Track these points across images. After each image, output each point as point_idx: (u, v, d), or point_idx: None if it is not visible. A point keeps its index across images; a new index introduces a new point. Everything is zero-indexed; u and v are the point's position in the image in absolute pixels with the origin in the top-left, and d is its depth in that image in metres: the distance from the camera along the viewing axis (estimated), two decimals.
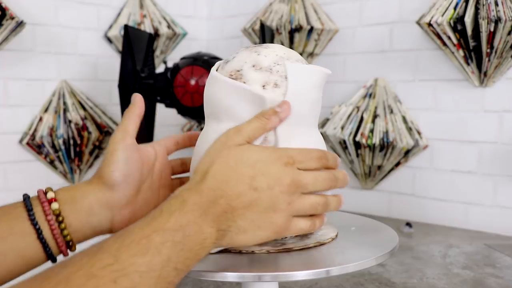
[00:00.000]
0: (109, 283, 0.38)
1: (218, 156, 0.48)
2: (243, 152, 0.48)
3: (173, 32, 1.76)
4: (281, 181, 0.48)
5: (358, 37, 1.60)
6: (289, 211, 0.49)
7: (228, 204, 0.46)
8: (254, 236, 0.48)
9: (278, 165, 0.48)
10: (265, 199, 0.47)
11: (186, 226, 0.44)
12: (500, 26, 1.23)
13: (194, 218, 0.45)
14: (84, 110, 1.62)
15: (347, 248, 0.56)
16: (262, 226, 0.48)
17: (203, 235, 0.45)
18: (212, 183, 0.47)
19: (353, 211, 1.52)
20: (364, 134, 1.47)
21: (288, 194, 0.48)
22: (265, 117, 0.51)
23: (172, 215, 0.44)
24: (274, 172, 0.48)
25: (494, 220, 1.36)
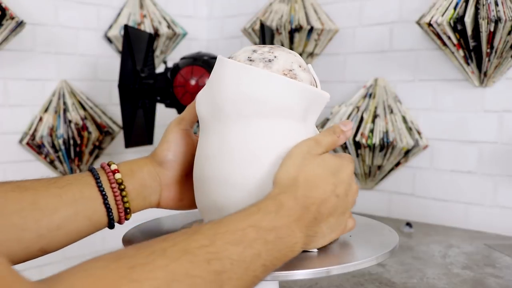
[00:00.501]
0: (203, 262, 0.40)
1: (306, 164, 0.51)
2: (325, 161, 0.52)
3: (173, 32, 1.76)
4: (351, 188, 0.54)
5: (358, 37, 1.60)
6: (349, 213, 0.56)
7: (317, 211, 0.50)
8: (328, 239, 0.53)
9: (349, 173, 0.54)
10: (343, 204, 0.53)
11: (280, 228, 0.46)
12: (500, 26, 1.23)
13: (289, 222, 0.47)
14: (84, 110, 1.62)
15: (347, 248, 0.56)
16: (335, 229, 0.53)
17: (294, 239, 0.48)
18: (305, 189, 0.50)
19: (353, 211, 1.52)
20: (364, 134, 1.47)
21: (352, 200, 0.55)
22: (336, 135, 0.56)
23: (268, 215, 0.47)
24: (348, 179, 0.53)
25: (494, 220, 1.36)
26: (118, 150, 1.72)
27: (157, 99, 1.43)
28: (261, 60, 0.56)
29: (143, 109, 1.46)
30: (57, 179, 0.57)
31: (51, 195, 0.54)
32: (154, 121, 1.53)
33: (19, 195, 0.53)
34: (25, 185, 0.54)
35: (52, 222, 0.53)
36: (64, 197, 0.54)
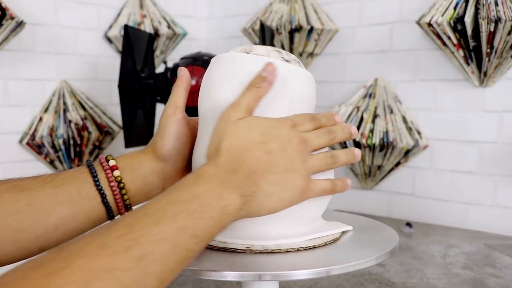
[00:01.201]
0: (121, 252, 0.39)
1: (226, 132, 0.50)
2: (249, 123, 0.51)
3: (173, 32, 1.76)
4: (291, 142, 0.50)
5: (358, 37, 1.60)
6: (305, 170, 0.51)
7: (248, 169, 0.48)
8: (281, 199, 0.50)
9: (285, 129, 0.51)
10: (282, 160, 0.49)
11: (202, 195, 0.45)
12: (500, 26, 1.23)
13: (212, 186, 0.46)
14: (84, 110, 1.62)
15: (347, 247, 0.56)
16: (286, 188, 0.50)
17: (224, 201, 0.46)
18: (228, 155, 0.49)
19: (353, 211, 1.52)
20: (364, 134, 1.47)
21: (300, 153, 0.51)
22: (255, 86, 0.53)
23: (188, 187, 0.46)
24: (283, 135, 0.50)
25: (494, 220, 1.36)
26: (118, 150, 1.72)
27: (157, 99, 1.42)
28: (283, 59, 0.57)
29: (143, 109, 1.46)
30: (53, 177, 0.55)
31: (47, 196, 0.53)
32: (154, 121, 1.53)
33: (15, 196, 0.52)
34: (21, 185, 0.54)
35: (48, 223, 0.53)
36: (61, 197, 0.53)
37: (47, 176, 0.56)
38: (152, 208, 0.44)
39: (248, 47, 0.57)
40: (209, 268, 0.49)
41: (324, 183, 0.53)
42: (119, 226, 0.42)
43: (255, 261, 0.51)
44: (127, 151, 1.56)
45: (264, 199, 0.49)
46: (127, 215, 0.44)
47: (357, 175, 1.58)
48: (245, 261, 0.51)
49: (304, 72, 0.57)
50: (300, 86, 0.56)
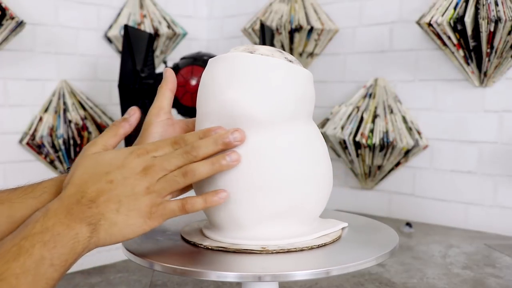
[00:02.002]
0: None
1: (77, 165, 0.52)
2: (98, 156, 0.53)
3: (173, 32, 1.76)
4: (134, 170, 0.51)
5: (358, 37, 1.60)
6: (151, 195, 0.51)
7: (90, 201, 0.49)
8: (127, 226, 0.50)
9: (131, 158, 0.52)
10: (122, 189, 0.50)
11: (53, 226, 0.47)
12: (500, 26, 1.23)
13: (59, 219, 0.48)
14: (84, 110, 1.62)
15: (347, 248, 0.56)
16: (130, 214, 0.50)
17: (73, 230, 0.48)
18: (72, 189, 0.50)
19: (353, 211, 1.52)
20: (364, 134, 1.47)
21: (144, 180, 0.51)
22: (115, 126, 0.56)
23: (38, 222, 0.47)
24: (127, 164, 0.51)
25: (494, 220, 1.36)
26: None
27: None
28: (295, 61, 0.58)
29: (143, 109, 1.46)
30: (34, 188, 0.56)
31: (27, 207, 0.54)
32: None
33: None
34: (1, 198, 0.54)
35: None
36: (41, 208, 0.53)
37: (27, 187, 0.56)
38: (9, 245, 0.45)
39: (250, 47, 0.57)
40: (209, 268, 0.49)
41: (174, 204, 0.52)
42: None
43: (255, 261, 0.51)
44: None
45: (110, 227, 0.50)
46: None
47: (357, 175, 1.58)
48: (245, 261, 0.51)
49: (306, 72, 0.57)
50: (305, 86, 0.57)
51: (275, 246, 0.54)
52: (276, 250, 0.53)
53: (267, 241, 0.54)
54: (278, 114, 0.54)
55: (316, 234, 0.57)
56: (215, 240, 0.56)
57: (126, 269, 1.03)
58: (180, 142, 0.53)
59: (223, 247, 0.54)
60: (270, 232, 0.55)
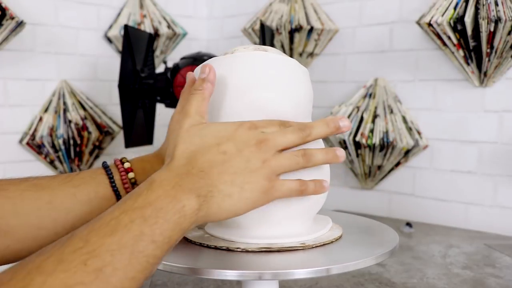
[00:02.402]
0: (79, 266, 0.39)
1: (179, 139, 0.50)
2: (202, 129, 0.51)
3: (173, 32, 1.76)
4: (247, 142, 0.49)
5: (358, 37, 1.60)
6: (267, 169, 0.49)
7: (201, 171, 0.47)
8: (241, 200, 0.48)
9: (242, 130, 0.50)
10: (237, 160, 0.48)
11: (155, 200, 0.45)
12: (500, 26, 1.23)
13: (164, 191, 0.46)
14: (84, 110, 1.62)
15: (347, 247, 0.56)
16: (245, 188, 0.48)
17: (179, 203, 0.45)
18: (180, 159, 0.48)
19: (353, 211, 1.52)
20: (364, 134, 1.47)
21: (260, 153, 0.49)
22: (198, 89, 0.54)
23: (140, 196, 0.45)
24: (239, 136, 0.49)
25: (494, 220, 1.36)
26: (118, 150, 1.72)
27: (157, 99, 1.42)
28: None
29: (143, 109, 1.46)
30: (72, 177, 0.57)
31: (67, 195, 0.55)
32: (154, 121, 1.53)
33: (35, 194, 0.54)
34: (41, 184, 0.55)
35: (67, 221, 0.54)
36: (79, 197, 0.55)
37: (65, 176, 0.57)
38: (106, 219, 0.43)
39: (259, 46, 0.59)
40: (209, 267, 0.49)
41: (291, 183, 0.51)
42: (74, 241, 0.41)
43: (255, 260, 0.51)
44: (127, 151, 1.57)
45: (222, 199, 0.48)
46: (83, 228, 0.44)
47: (357, 175, 1.58)
48: (245, 260, 0.51)
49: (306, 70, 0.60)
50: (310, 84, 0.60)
51: (275, 245, 0.54)
52: (276, 248, 0.53)
53: (267, 240, 0.54)
54: (300, 113, 0.56)
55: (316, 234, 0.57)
56: (216, 238, 0.56)
57: None
58: (288, 123, 0.52)
59: (224, 246, 0.54)
60: (270, 232, 0.55)
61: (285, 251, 0.53)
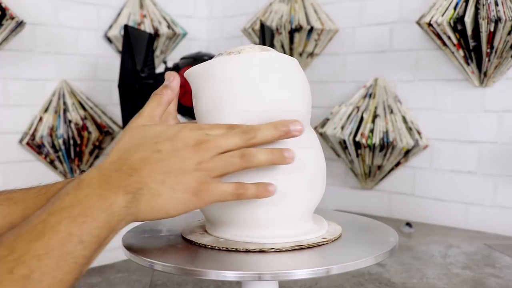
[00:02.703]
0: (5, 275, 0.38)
1: (123, 136, 0.50)
2: (147, 128, 0.50)
3: (173, 32, 1.76)
4: (186, 143, 0.48)
5: (358, 37, 1.60)
6: (202, 172, 0.48)
7: (132, 168, 0.47)
8: (171, 199, 0.47)
9: (184, 131, 0.49)
10: (171, 160, 0.47)
11: (84, 199, 0.44)
12: (500, 26, 1.23)
13: (93, 190, 0.45)
14: (84, 110, 1.62)
15: (347, 247, 0.56)
16: (177, 188, 0.47)
17: (107, 201, 0.44)
18: (113, 157, 0.48)
19: (353, 211, 1.52)
20: (364, 134, 1.47)
21: (196, 154, 0.48)
22: (158, 94, 0.54)
23: (68, 195, 0.44)
24: (178, 136, 0.48)
25: (494, 220, 1.36)
26: None
27: None
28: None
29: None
30: (47, 189, 0.54)
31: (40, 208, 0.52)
32: None
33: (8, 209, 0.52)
34: (14, 198, 0.53)
35: None
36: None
37: (41, 188, 0.54)
38: (34, 223, 0.42)
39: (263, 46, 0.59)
40: (209, 267, 0.49)
41: (227, 186, 0.49)
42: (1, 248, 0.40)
43: (254, 260, 0.51)
44: None
45: (152, 198, 0.47)
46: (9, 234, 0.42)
47: (357, 175, 1.58)
48: (245, 260, 0.51)
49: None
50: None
51: (274, 245, 0.54)
52: (276, 249, 0.53)
53: (267, 239, 0.54)
54: (309, 111, 0.58)
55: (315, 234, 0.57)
56: (215, 237, 0.56)
57: (126, 269, 1.03)
58: (236, 126, 0.50)
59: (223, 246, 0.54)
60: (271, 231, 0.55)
61: (285, 251, 0.53)
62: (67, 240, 0.41)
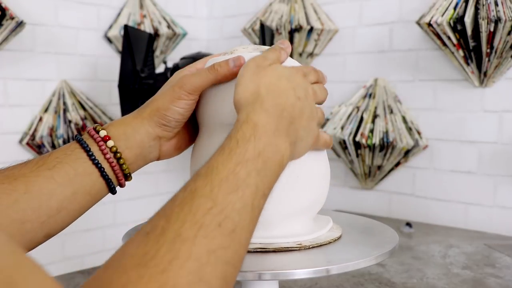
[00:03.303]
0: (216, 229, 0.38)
1: (261, 76, 0.50)
2: (277, 69, 0.51)
3: (173, 32, 1.76)
4: (308, 91, 0.52)
5: (358, 37, 1.60)
6: (318, 119, 0.53)
7: (290, 115, 0.48)
8: (305, 144, 0.51)
9: (302, 78, 0.52)
10: (307, 107, 0.51)
11: (264, 150, 0.44)
12: (500, 26, 1.23)
13: (269, 138, 0.45)
14: (84, 110, 1.62)
15: (347, 247, 0.56)
16: (310, 134, 0.51)
17: (280, 153, 0.46)
18: (271, 99, 0.48)
19: (353, 211, 1.52)
20: (364, 134, 1.47)
21: (314, 102, 0.53)
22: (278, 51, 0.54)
23: (249, 143, 0.44)
24: (303, 84, 0.51)
25: (494, 220, 1.36)
26: None
27: None
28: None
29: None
30: (45, 159, 0.52)
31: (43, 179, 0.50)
32: None
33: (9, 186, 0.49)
34: (14, 174, 0.50)
35: (51, 207, 0.50)
36: (58, 178, 0.51)
37: (38, 160, 0.53)
38: (224, 172, 0.42)
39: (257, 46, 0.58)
40: None
41: (326, 136, 0.55)
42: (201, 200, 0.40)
43: (255, 260, 0.51)
44: None
45: (300, 144, 0.50)
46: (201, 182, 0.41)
47: (357, 175, 1.58)
48: (245, 260, 0.51)
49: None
50: None
51: (274, 245, 0.54)
52: (276, 248, 0.53)
53: (267, 239, 0.54)
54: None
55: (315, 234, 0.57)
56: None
57: None
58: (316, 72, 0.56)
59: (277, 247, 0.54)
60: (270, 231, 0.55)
61: (284, 251, 0.53)
62: (255, 194, 0.42)
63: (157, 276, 0.35)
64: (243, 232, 0.40)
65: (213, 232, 0.38)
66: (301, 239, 0.55)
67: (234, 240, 0.39)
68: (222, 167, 0.42)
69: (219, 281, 0.37)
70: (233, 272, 0.39)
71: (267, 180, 0.44)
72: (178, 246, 0.37)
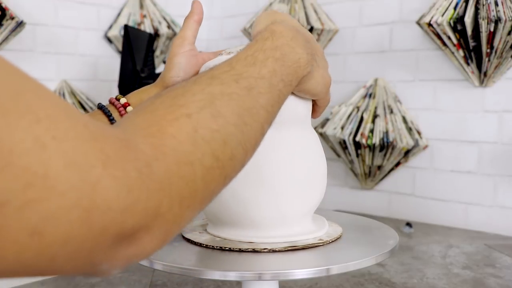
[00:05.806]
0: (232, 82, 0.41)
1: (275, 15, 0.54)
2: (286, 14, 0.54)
3: (173, 32, 1.76)
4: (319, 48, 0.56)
5: (358, 37, 1.60)
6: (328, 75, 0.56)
7: (306, 40, 0.51)
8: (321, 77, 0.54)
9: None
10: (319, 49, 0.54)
11: (281, 46, 0.47)
12: (500, 26, 1.23)
13: (286, 41, 0.48)
14: (84, 110, 1.62)
15: (347, 247, 0.56)
16: (324, 74, 0.54)
17: (297, 54, 0.48)
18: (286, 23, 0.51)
19: (353, 211, 1.52)
20: (364, 134, 1.47)
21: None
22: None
23: (267, 40, 0.48)
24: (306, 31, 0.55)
25: (494, 220, 1.36)
26: None
27: None
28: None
29: None
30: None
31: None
32: None
33: None
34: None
35: None
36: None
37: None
38: (243, 55, 0.45)
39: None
40: (209, 267, 0.49)
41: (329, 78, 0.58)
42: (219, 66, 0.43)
43: (255, 260, 0.51)
44: None
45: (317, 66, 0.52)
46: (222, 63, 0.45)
47: (357, 175, 1.58)
48: (245, 260, 0.51)
49: None
50: None
51: (274, 245, 0.54)
52: (276, 249, 0.53)
53: (267, 239, 0.54)
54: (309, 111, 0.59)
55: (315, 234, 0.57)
56: (213, 236, 0.56)
57: (126, 269, 1.03)
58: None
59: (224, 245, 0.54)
60: (271, 231, 0.55)
61: (285, 251, 0.53)
62: (273, 74, 0.45)
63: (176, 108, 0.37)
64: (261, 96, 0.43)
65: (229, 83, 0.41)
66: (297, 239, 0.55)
67: (250, 96, 0.42)
68: (242, 53, 0.46)
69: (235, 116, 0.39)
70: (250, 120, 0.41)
71: (285, 70, 0.47)
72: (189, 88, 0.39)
